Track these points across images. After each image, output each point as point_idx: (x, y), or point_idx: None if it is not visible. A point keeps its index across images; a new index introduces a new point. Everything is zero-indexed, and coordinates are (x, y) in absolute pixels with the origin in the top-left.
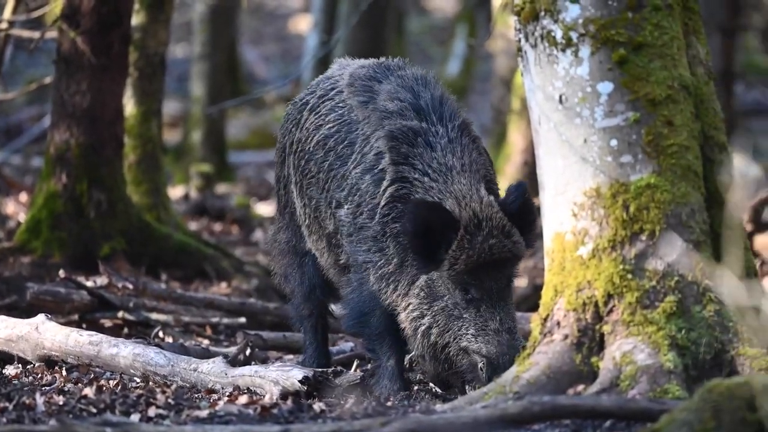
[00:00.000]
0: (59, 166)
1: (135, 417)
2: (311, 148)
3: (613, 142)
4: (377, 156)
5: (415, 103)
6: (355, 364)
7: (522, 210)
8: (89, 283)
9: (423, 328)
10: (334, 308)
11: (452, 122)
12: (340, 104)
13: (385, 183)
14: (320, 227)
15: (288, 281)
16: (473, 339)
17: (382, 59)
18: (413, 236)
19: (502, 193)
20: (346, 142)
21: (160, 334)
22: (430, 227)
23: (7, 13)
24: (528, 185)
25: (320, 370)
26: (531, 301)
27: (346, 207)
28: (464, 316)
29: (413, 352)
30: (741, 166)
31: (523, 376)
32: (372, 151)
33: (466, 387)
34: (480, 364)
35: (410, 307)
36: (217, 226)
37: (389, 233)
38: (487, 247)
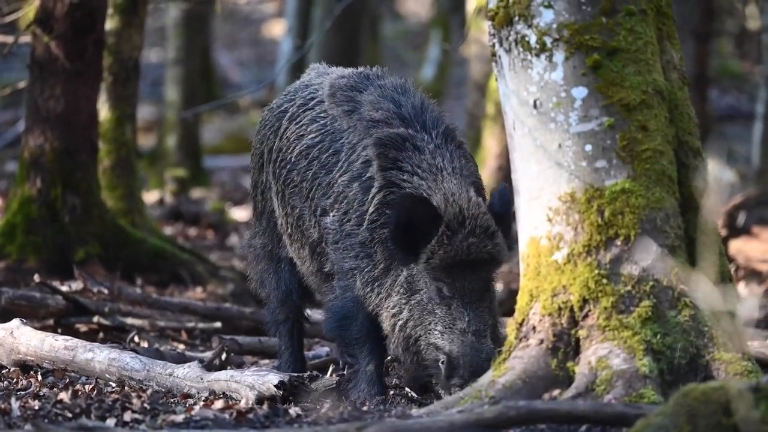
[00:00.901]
0: (34, 171)
1: (111, 422)
2: (293, 158)
3: (588, 147)
4: (365, 164)
5: (398, 111)
6: (330, 368)
7: (506, 214)
8: (64, 288)
9: (401, 322)
10: (310, 313)
11: (436, 129)
12: (322, 114)
13: (373, 190)
14: (303, 236)
15: (263, 286)
16: (439, 335)
17: (361, 69)
18: (396, 227)
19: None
20: (330, 150)
21: (136, 338)
22: (413, 220)
23: None
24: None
25: (296, 374)
26: (506, 305)
27: (332, 215)
28: (436, 311)
29: (390, 348)
30: (715, 171)
31: (498, 381)
32: (359, 159)
33: (440, 391)
34: (440, 361)
35: (391, 305)
36: (192, 231)
37: (377, 239)
38: (466, 246)
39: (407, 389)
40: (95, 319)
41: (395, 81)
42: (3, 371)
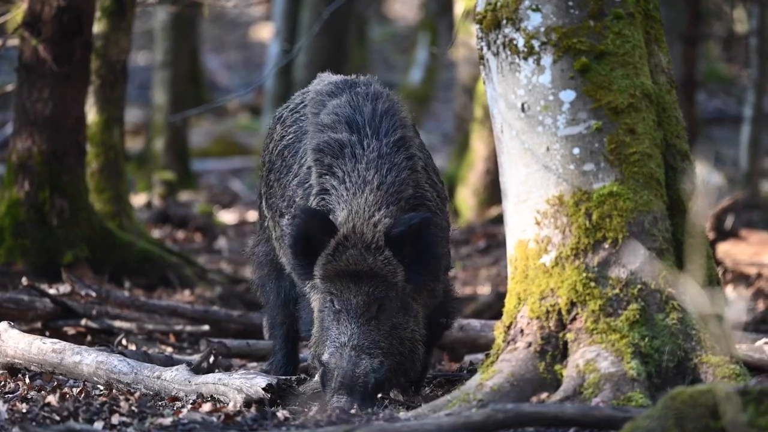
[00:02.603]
0: (21, 174)
1: (98, 425)
2: (273, 158)
3: (576, 151)
4: (308, 170)
5: (351, 116)
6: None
7: (405, 240)
8: (52, 291)
9: (312, 338)
10: None
11: (388, 137)
12: (302, 117)
13: (312, 197)
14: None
15: (264, 291)
16: (325, 349)
17: (354, 76)
18: (293, 241)
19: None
20: (293, 152)
21: (124, 341)
22: (309, 234)
23: None
24: (429, 219)
25: (284, 377)
26: (494, 308)
27: (286, 218)
28: (330, 327)
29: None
30: (703, 174)
31: (486, 384)
32: (305, 165)
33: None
34: (318, 373)
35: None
36: (180, 234)
37: (292, 256)
38: (346, 257)
39: (393, 392)
40: (83, 322)
41: (375, 88)
42: None
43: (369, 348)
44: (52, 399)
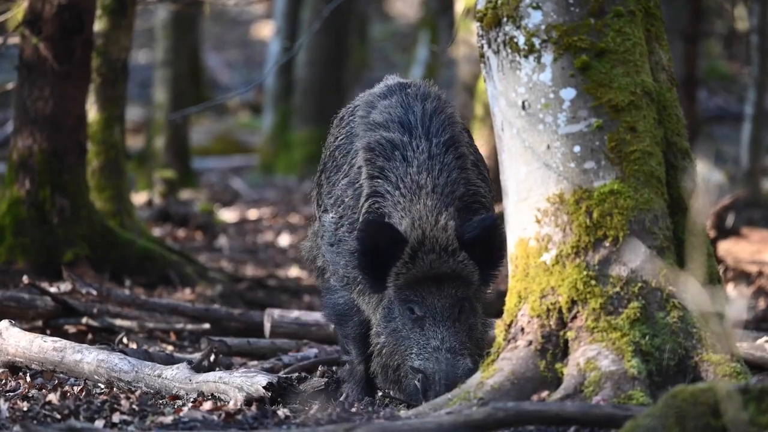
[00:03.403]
0: (22, 173)
1: (99, 423)
2: (327, 158)
3: (576, 149)
4: (359, 170)
5: (403, 116)
6: (319, 370)
7: (478, 242)
8: (53, 289)
9: (379, 346)
10: (298, 315)
11: (438, 137)
12: (354, 118)
13: (362, 198)
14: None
15: (323, 276)
16: (415, 357)
17: (410, 79)
18: (361, 255)
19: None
20: (344, 152)
21: (124, 340)
22: (377, 246)
23: None
24: (497, 220)
25: (284, 376)
26: (495, 307)
27: (330, 214)
28: (410, 336)
29: (371, 367)
30: (704, 173)
31: (487, 382)
32: (356, 164)
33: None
34: (417, 380)
35: (375, 323)
36: (181, 232)
37: (360, 271)
38: (427, 262)
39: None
40: (84, 320)
41: (424, 89)
42: None
43: (461, 349)
44: (53, 397)
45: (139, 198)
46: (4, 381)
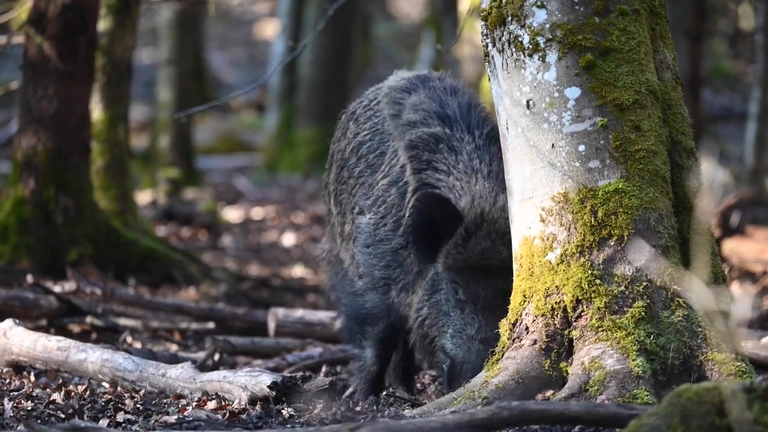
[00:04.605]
0: (26, 172)
1: (103, 422)
2: (347, 155)
3: (581, 147)
4: (402, 168)
5: (440, 111)
6: (323, 369)
7: None
8: (57, 289)
9: (421, 319)
10: (303, 314)
11: (480, 129)
12: (378, 113)
13: (408, 194)
14: (345, 233)
15: (334, 290)
16: (449, 339)
17: (425, 71)
18: (417, 226)
19: None
20: (378, 151)
21: (128, 339)
22: (434, 219)
23: None
24: None
25: (289, 375)
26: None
27: (368, 216)
28: (450, 313)
29: (410, 340)
30: (709, 172)
31: (491, 381)
32: (398, 164)
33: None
34: (445, 364)
35: (416, 301)
36: (185, 232)
37: (412, 242)
38: (479, 250)
39: (399, 390)
40: (88, 319)
41: (449, 82)
42: None
43: (496, 340)
44: (56, 397)
45: (143, 197)
46: (8, 380)
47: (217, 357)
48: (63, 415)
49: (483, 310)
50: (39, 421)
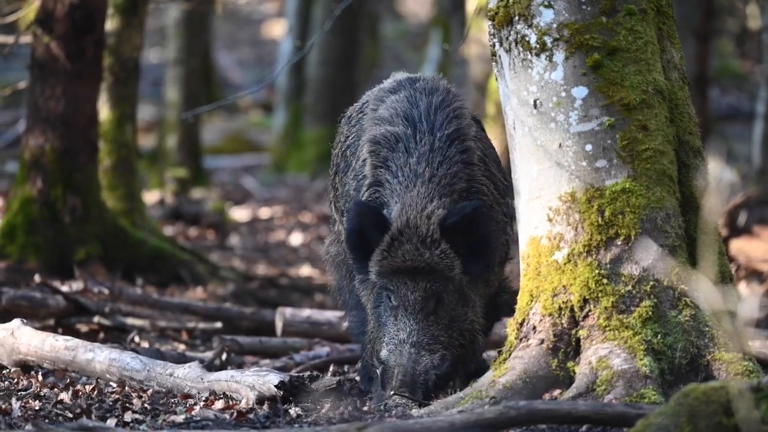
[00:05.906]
0: (34, 171)
1: (111, 422)
2: (338, 160)
3: (588, 147)
4: (363, 162)
5: (408, 111)
6: (331, 369)
7: (459, 230)
8: (65, 288)
9: (369, 335)
10: (310, 314)
11: (443, 131)
12: (363, 115)
13: (363, 188)
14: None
15: (341, 293)
16: (384, 345)
17: (420, 74)
18: (348, 235)
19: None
20: (353, 150)
21: (136, 338)
22: (363, 228)
23: None
24: (481, 207)
25: (296, 375)
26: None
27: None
28: (386, 323)
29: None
30: (716, 171)
31: (499, 381)
32: (361, 158)
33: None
34: (378, 369)
35: (368, 316)
36: (193, 231)
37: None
38: (401, 254)
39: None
40: (96, 319)
41: (432, 83)
42: (4, 371)
43: (429, 344)
44: (64, 396)
45: (150, 197)
46: (16, 380)
47: (224, 356)
48: (71, 415)
49: (414, 314)
50: (47, 420)
